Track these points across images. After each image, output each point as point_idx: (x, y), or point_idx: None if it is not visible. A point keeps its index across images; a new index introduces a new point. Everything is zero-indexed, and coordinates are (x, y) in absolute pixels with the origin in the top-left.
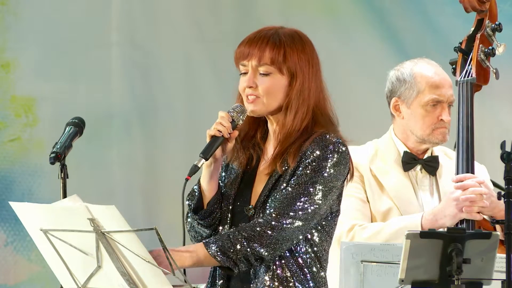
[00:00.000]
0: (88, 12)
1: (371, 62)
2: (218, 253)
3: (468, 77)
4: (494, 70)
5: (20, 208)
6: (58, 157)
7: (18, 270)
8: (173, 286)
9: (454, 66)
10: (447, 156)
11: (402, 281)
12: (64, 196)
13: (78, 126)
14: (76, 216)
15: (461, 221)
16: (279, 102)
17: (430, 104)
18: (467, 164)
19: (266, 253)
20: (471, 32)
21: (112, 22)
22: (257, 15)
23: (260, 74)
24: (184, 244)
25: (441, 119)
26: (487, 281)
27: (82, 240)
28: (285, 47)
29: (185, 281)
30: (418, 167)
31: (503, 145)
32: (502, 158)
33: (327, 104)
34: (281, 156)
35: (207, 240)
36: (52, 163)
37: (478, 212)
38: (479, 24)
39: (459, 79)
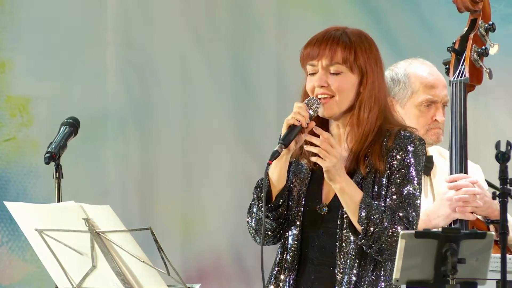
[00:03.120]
0: (83, 12)
1: None
2: (364, 210)
3: (461, 77)
4: (488, 70)
5: (15, 208)
6: (53, 157)
7: (13, 270)
8: (168, 286)
9: (447, 66)
10: (441, 156)
11: (397, 280)
12: (59, 196)
13: (73, 126)
14: (71, 216)
15: (455, 221)
16: (351, 101)
17: (424, 104)
18: (460, 164)
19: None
20: (464, 32)
21: (107, 22)
22: (253, 15)
23: (331, 73)
24: (263, 241)
25: (435, 120)
26: (481, 281)
27: (77, 240)
28: (356, 47)
29: (180, 281)
30: None
31: (497, 145)
32: (496, 158)
33: (390, 105)
34: (363, 156)
35: (367, 197)
36: (47, 163)
37: (472, 212)
38: (473, 24)
39: (452, 79)
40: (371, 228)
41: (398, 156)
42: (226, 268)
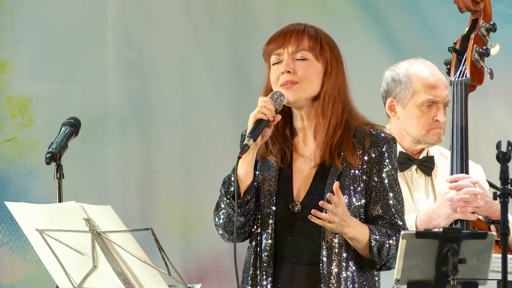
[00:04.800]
0: (83, 12)
1: (366, 62)
2: (375, 247)
3: (462, 77)
4: (489, 70)
5: (16, 208)
6: (54, 157)
7: (13, 270)
8: (168, 286)
9: (448, 66)
10: (442, 156)
11: (398, 281)
12: (60, 196)
13: (74, 126)
14: (72, 216)
15: (456, 222)
16: (316, 89)
17: (425, 104)
18: (461, 164)
19: None
20: (465, 32)
21: (107, 22)
22: (253, 15)
23: (297, 59)
24: (235, 237)
25: (436, 120)
26: (482, 281)
27: (78, 240)
28: (321, 38)
29: (181, 281)
30: (414, 167)
31: (498, 145)
32: (497, 158)
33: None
34: (337, 150)
35: (371, 227)
36: (48, 163)
37: (473, 213)
38: (474, 24)
39: (453, 79)
40: (383, 257)
41: (377, 161)
42: (227, 268)
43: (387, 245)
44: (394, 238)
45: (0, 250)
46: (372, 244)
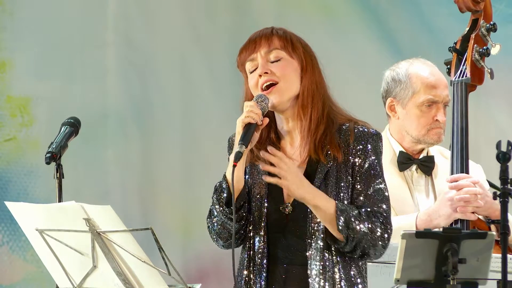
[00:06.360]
0: (84, 12)
1: (367, 62)
2: (341, 219)
3: (462, 77)
4: (489, 70)
5: (15, 208)
6: (54, 157)
7: (13, 270)
8: (169, 286)
9: (448, 66)
10: (442, 156)
11: (398, 281)
12: (60, 196)
13: (74, 126)
14: (72, 216)
15: (456, 221)
16: (297, 87)
17: (425, 104)
18: (461, 164)
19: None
20: (465, 32)
21: (107, 22)
22: (253, 15)
23: (271, 62)
24: (234, 243)
25: (436, 120)
26: (482, 281)
27: (78, 240)
28: (291, 38)
29: (181, 281)
30: (414, 167)
31: (498, 145)
32: (497, 158)
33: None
34: (321, 146)
35: (339, 204)
36: (48, 163)
37: (473, 212)
38: (474, 24)
39: (453, 79)
40: (352, 235)
41: (361, 154)
42: (226, 268)
43: (357, 227)
44: (368, 224)
45: (0, 250)
46: (338, 216)
